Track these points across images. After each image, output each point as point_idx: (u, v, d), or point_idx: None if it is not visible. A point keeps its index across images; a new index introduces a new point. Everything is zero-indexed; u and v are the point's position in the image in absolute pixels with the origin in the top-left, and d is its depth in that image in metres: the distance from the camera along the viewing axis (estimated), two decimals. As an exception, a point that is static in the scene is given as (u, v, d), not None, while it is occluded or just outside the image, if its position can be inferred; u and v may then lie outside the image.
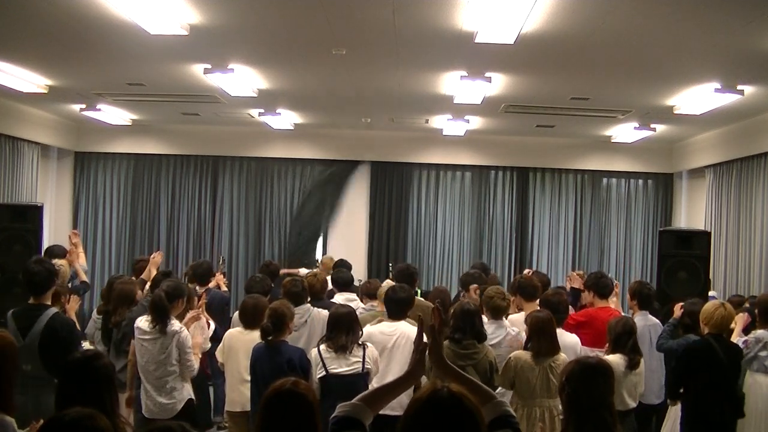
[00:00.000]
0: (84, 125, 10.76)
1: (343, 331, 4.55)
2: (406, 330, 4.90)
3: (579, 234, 11.34)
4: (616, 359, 4.76)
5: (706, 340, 4.75)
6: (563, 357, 4.51)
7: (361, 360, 4.51)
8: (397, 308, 5.01)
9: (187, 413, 4.69)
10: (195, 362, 4.84)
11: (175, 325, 4.76)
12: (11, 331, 4.53)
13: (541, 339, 4.52)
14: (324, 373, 4.45)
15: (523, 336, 5.16)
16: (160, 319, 4.69)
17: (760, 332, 5.38)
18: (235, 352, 4.99)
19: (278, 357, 4.44)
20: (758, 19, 4.84)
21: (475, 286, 6.32)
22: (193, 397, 4.88)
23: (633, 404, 4.81)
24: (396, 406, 4.75)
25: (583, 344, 5.10)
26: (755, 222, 8.41)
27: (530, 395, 4.43)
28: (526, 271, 7.60)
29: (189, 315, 5.07)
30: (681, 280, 6.39)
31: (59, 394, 2.80)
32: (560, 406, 3.32)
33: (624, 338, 4.77)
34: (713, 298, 7.17)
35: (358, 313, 5.12)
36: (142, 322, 4.80)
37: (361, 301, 6.20)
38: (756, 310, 5.56)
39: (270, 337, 4.49)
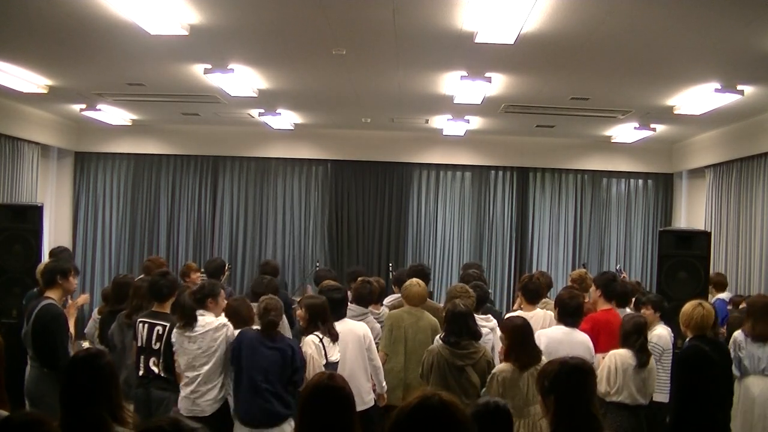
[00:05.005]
0: (84, 125, 10.76)
1: (330, 319, 4.82)
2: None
3: (579, 234, 11.34)
4: (624, 353, 4.76)
5: (695, 345, 4.61)
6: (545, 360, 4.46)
7: (337, 348, 4.81)
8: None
9: None
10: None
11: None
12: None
13: (522, 350, 4.32)
14: (325, 361, 4.61)
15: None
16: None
17: (736, 333, 5.43)
18: None
19: (278, 343, 4.61)
20: (758, 19, 4.84)
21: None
22: None
23: (643, 401, 4.79)
24: (358, 402, 4.86)
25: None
26: (755, 222, 8.41)
27: (524, 404, 4.26)
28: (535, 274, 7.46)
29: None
30: (681, 280, 6.37)
31: (63, 391, 2.83)
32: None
33: (633, 337, 4.77)
34: (722, 301, 7.16)
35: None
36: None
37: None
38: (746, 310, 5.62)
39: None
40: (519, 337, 4.35)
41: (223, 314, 4.93)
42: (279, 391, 4.52)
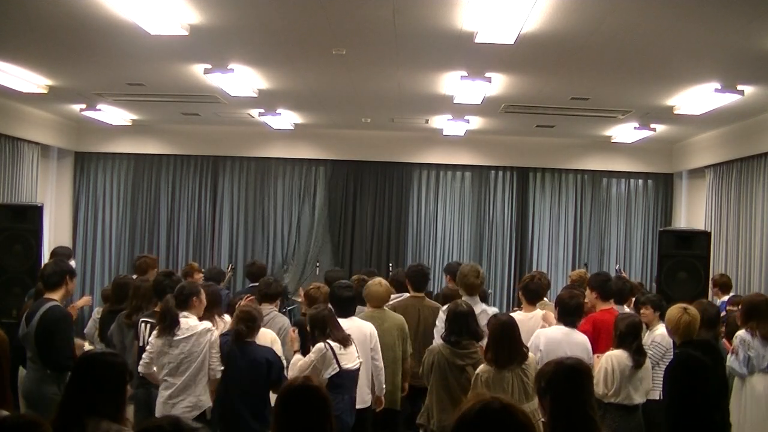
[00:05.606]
0: (84, 125, 10.76)
1: (336, 325, 4.72)
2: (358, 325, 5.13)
3: (579, 234, 11.34)
4: (620, 354, 4.74)
5: (685, 352, 4.56)
6: (533, 357, 4.42)
7: (356, 353, 4.72)
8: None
9: None
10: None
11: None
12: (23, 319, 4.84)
13: (499, 349, 4.29)
14: (338, 369, 4.53)
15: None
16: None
17: (741, 333, 5.40)
18: None
19: (252, 357, 4.54)
20: (758, 18, 4.84)
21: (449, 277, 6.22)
22: None
23: (640, 400, 4.78)
24: (358, 400, 4.84)
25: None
26: (755, 222, 8.40)
27: None
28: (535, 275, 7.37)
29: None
30: (681, 280, 6.38)
31: (68, 391, 2.82)
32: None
33: (629, 339, 4.74)
34: (723, 304, 7.15)
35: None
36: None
37: None
38: (741, 309, 5.59)
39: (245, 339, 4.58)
40: (497, 336, 4.33)
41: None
42: (256, 406, 4.44)
